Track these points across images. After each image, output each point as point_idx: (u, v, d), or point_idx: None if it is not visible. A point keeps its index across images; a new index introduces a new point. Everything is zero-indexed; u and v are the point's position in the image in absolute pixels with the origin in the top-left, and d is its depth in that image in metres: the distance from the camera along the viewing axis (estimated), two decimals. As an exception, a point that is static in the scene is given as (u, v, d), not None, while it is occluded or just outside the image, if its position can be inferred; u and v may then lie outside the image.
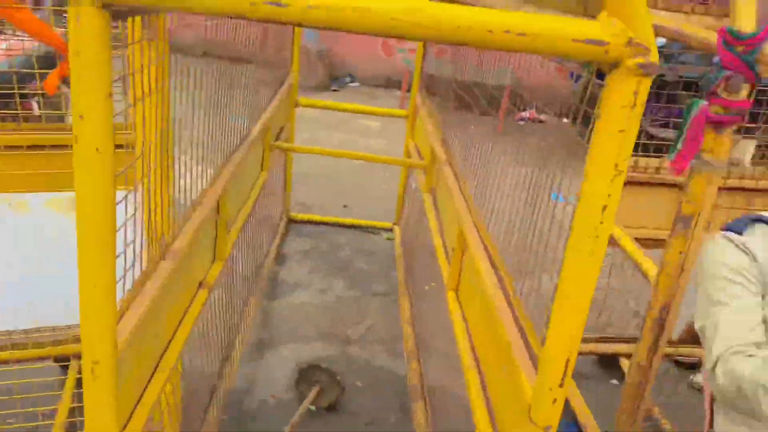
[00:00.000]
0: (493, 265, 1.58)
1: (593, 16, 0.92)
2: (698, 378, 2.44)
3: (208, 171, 1.87)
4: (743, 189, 2.04)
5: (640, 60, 0.78)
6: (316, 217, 3.99)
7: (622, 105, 0.80)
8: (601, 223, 0.86)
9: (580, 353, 2.36)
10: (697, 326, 1.42)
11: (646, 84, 0.80)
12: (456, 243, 1.88)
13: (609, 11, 0.78)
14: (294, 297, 3.08)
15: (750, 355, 1.24)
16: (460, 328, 1.71)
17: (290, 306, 3.00)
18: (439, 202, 2.56)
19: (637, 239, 2.17)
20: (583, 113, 1.46)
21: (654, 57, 0.79)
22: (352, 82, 8.28)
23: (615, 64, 0.79)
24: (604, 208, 0.85)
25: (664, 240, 2.30)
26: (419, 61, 3.70)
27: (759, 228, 1.37)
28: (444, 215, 2.36)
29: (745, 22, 1.36)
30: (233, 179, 2.01)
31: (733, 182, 2.03)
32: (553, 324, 0.93)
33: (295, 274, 3.29)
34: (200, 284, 1.78)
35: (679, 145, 1.48)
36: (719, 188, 1.63)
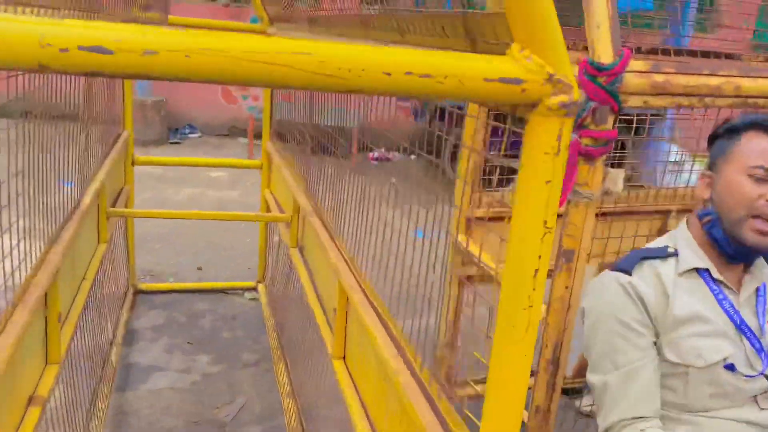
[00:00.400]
0: (384, 324, 1.42)
1: (484, 52, 0.80)
2: (585, 405, 2.44)
3: (33, 250, 1.54)
4: (615, 213, 2.08)
5: (562, 98, 0.66)
6: (167, 285, 3.60)
7: (545, 151, 0.68)
8: (534, 290, 0.72)
9: (470, 398, 2.25)
10: (588, 379, 1.39)
11: (570, 126, 0.69)
12: (337, 303, 1.70)
13: (521, 43, 0.66)
14: (150, 382, 2.69)
15: (641, 431, 1.25)
16: (353, 403, 1.52)
17: (147, 394, 2.60)
18: (309, 257, 2.37)
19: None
20: (429, 149, 1.48)
21: (577, 94, 0.68)
22: (192, 132, 7.86)
23: (533, 105, 0.67)
24: (536, 272, 0.72)
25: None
26: (267, 108, 3.52)
27: (647, 266, 1.35)
28: (318, 272, 2.17)
29: (604, 53, 1.35)
30: (64, 261, 1.67)
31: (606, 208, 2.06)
32: (486, 421, 0.77)
33: (149, 355, 2.89)
34: (30, 400, 1.43)
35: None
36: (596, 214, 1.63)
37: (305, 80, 0.59)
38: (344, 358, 1.71)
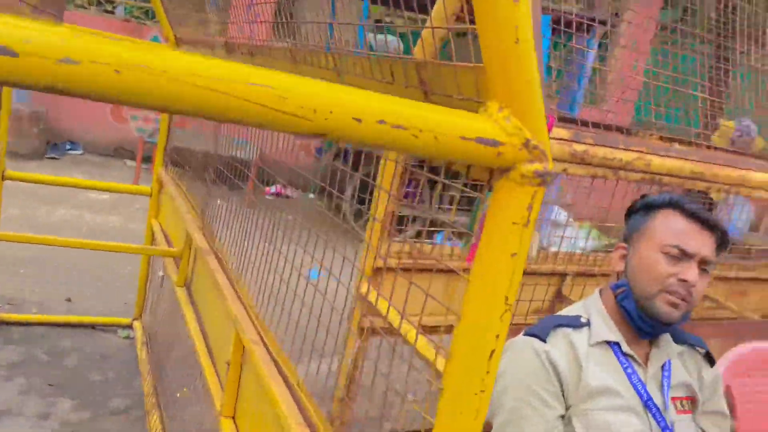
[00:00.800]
0: (288, 385, 1.29)
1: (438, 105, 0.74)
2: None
3: None
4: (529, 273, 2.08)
5: (537, 166, 0.61)
6: (29, 317, 3.21)
7: (514, 221, 0.62)
8: (488, 373, 0.65)
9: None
10: None
11: (541, 196, 0.63)
12: (232, 356, 1.54)
13: (500, 102, 0.60)
14: (-1, 430, 2.34)
15: None
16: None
17: (-7, 445, 2.26)
18: (200, 299, 2.18)
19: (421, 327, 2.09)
20: (330, 189, 1.48)
21: (551, 164, 0.62)
22: (73, 149, 7.29)
23: (505, 170, 0.61)
24: (492, 353, 0.65)
25: (444, 326, 2.27)
26: (164, 131, 3.30)
27: (561, 334, 1.34)
28: (209, 317, 2.00)
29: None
30: None
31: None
32: None
33: (0, 398, 2.53)
34: None
35: (473, 239, 1.42)
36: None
37: (261, 117, 0.49)
38: (234, 417, 1.55)
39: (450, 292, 2.25)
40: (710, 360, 1.44)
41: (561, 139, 1.42)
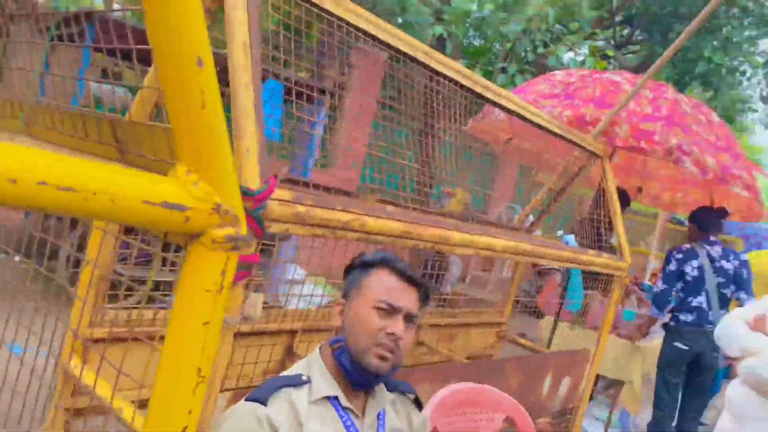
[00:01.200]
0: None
1: (136, 166, 0.71)
2: None
3: None
4: (244, 333, 2.04)
5: (228, 231, 0.60)
6: None
7: (207, 288, 0.60)
8: (180, 453, 0.61)
9: None
10: None
11: (235, 261, 0.62)
12: None
13: (188, 166, 0.58)
14: None
15: None
16: None
17: None
18: None
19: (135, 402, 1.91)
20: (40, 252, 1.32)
21: (244, 228, 0.62)
22: None
23: (196, 236, 0.60)
24: (184, 430, 0.61)
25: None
26: None
27: (283, 395, 1.34)
28: None
29: (251, 178, 1.37)
30: None
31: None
32: None
33: None
34: None
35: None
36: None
37: None
38: None
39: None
40: (419, 404, 1.56)
41: (283, 200, 1.45)
